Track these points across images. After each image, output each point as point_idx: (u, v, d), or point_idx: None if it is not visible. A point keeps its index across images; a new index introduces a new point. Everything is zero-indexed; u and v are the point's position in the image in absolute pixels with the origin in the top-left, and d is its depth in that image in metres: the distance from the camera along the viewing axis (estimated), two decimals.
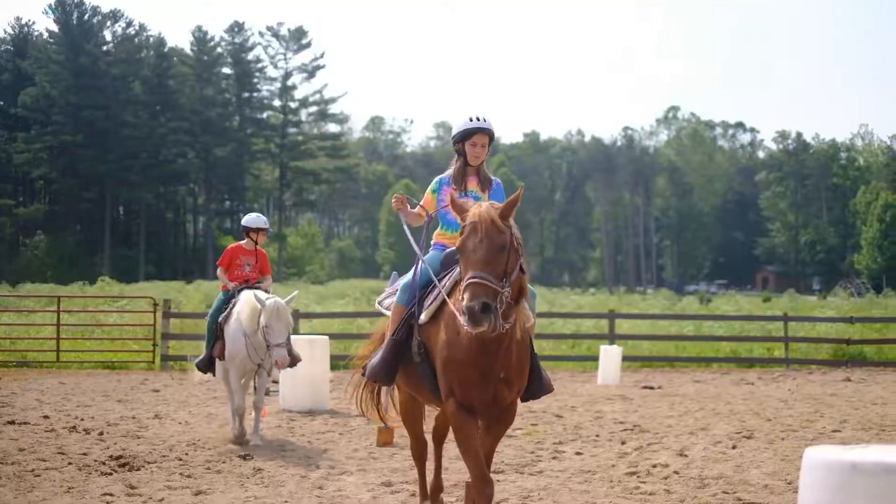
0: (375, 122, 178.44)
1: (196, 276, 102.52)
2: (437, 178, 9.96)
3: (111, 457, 13.61)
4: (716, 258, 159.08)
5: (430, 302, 9.17)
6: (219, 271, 16.89)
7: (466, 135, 9.70)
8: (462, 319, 7.92)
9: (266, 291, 16.02)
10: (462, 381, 8.56)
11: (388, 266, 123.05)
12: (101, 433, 15.80)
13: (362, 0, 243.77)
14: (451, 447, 10.73)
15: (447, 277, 9.17)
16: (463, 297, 7.85)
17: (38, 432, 15.75)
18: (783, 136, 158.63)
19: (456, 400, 8.69)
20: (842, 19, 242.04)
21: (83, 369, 28.35)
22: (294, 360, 15.90)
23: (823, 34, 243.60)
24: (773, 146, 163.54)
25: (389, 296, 10.32)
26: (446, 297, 8.88)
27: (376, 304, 10.57)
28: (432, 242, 10.00)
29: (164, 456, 13.95)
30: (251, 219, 17.02)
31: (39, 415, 17.78)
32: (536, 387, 9.32)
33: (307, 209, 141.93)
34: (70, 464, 13.09)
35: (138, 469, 12.98)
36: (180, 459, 13.73)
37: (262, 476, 12.80)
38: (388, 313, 10.02)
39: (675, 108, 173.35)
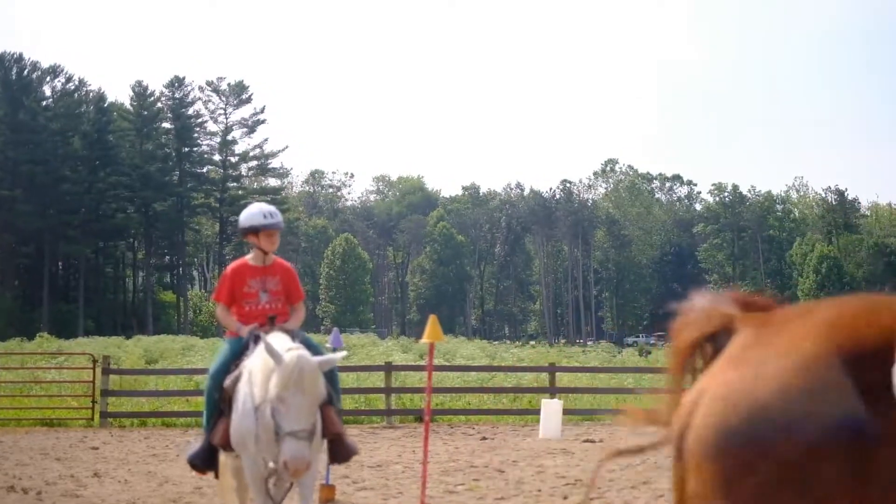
0: (315, 176, 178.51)
1: (135, 332, 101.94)
2: None
3: None
4: (654, 310, 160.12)
5: None
6: (218, 310, 10.43)
7: None
8: None
9: (290, 335, 9.58)
10: None
11: (329, 320, 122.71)
12: (39, 493, 15.62)
13: (302, 55, 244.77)
14: None
15: None
16: None
17: None
18: (720, 188, 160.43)
19: None
20: (776, 73, 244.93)
21: (21, 427, 28.06)
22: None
23: (759, 88, 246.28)
24: (710, 198, 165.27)
25: None
26: None
27: None
28: None
29: None
30: (251, 215, 10.16)
31: None
32: None
33: None
34: None
35: None
36: None
37: None
38: None
39: (612, 161, 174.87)
